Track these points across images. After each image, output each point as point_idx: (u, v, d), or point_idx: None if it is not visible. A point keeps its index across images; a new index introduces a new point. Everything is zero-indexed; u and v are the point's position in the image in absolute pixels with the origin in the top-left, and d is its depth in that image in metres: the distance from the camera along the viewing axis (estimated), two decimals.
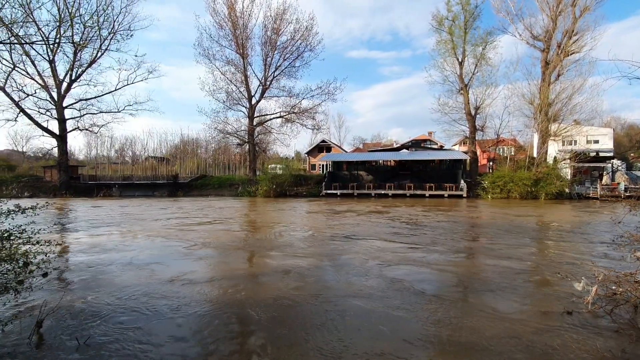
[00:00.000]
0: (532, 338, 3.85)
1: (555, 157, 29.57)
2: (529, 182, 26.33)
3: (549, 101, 28.28)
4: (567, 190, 26.68)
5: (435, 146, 48.14)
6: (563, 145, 33.18)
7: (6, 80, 31.12)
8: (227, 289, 5.60)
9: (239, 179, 37.08)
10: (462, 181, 29.69)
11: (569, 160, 28.64)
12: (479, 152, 37.27)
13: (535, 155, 30.40)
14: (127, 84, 36.57)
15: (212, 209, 20.31)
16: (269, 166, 42.85)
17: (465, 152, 35.33)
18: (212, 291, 5.51)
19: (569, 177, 28.12)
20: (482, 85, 32.71)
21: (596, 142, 35.82)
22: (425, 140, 50.73)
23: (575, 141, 33.20)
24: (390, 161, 37.71)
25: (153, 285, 5.79)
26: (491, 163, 38.10)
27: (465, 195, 28.40)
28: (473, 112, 32.91)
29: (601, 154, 31.91)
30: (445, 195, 28.94)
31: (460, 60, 32.83)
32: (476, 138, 34.03)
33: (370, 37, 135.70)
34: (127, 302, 4.99)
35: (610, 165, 30.71)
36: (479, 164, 36.92)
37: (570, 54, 28.10)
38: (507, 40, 79.95)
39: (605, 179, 29.56)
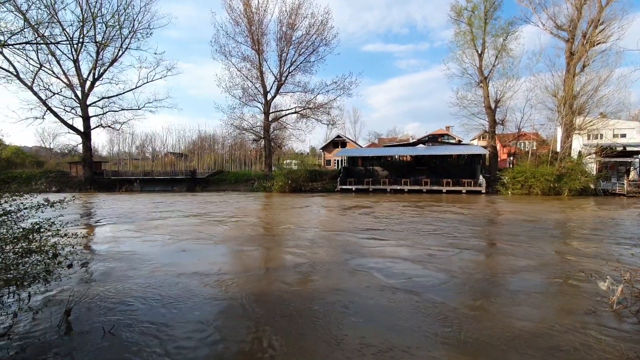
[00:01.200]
0: (554, 338, 3.76)
1: (579, 152, 28.46)
2: (551, 178, 25.48)
3: (574, 93, 27.16)
4: (592, 186, 25.67)
5: (453, 141, 47.21)
6: (588, 139, 31.85)
7: (33, 80, 32.40)
8: (238, 283, 5.72)
9: (254, 175, 37.50)
10: (480, 176, 29.04)
11: (594, 155, 27.50)
12: (498, 146, 36.29)
13: (558, 149, 29.36)
14: (147, 82, 37.49)
15: (228, 203, 20.66)
16: (284, 162, 43.12)
17: (485, 147, 34.47)
18: (223, 284, 5.63)
19: (594, 172, 27.03)
20: (503, 78, 31.79)
21: (623, 136, 34.22)
22: (442, 135, 49.84)
23: (601, 135, 31.82)
24: (406, 156, 37.24)
25: (170, 277, 5.97)
26: (511, 158, 37.05)
27: (484, 191, 27.78)
28: (493, 106, 32.04)
29: (628, 149, 30.42)
30: (463, 191, 28.38)
31: (479, 52, 31.94)
32: (496, 132, 33.14)
33: (387, 30, 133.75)
34: (148, 293, 5.17)
35: (637, 160, 29.28)
36: (499, 159, 35.98)
37: (596, 44, 26.83)
38: (529, 31, 77.34)
39: (633, 175, 28.23)
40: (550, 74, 29.27)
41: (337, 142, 50.96)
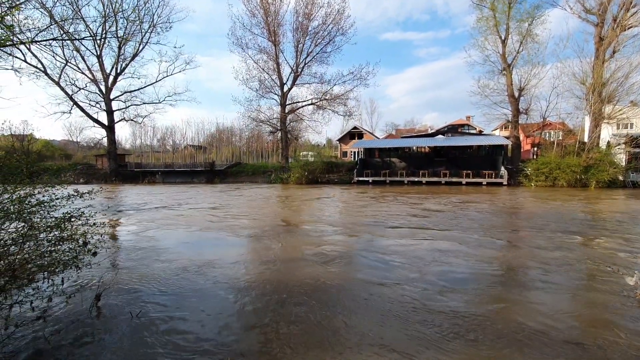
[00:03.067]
0: (579, 334, 3.68)
1: (608, 142, 27.18)
2: (578, 169, 24.53)
3: (603, 80, 25.84)
4: (620, 177, 24.60)
5: (473, 131, 46.02)
6: (618, 128, 30.35)
7: (60, 75, 33.64)
8: (255, 272, 5.85)
9: (271, 166, 37.87)
10: (502, 168, 28.27)
11: (623, 145, 26.20)
12: (522, 137, 35.07)
13: (586, 139, 28.14)
14: (167, 76, 38.36)
15: (246, 195, 21.00)
16: (301, 153, 43.32)
17: (507, 137, 33.42)
18: (240, 272, 5.78)
19: (623, 163, 25.80)
20: (528, 65, 30.50)
21: None
22: (462, 125, 48.64)
23: (632, 124, 30.28)
24: (424, 147, 36.61)
25: (193, 265, 6.16)
26: (535, 149, 35.79)
27: (505, 182, 27.06)
28: (516, 94, 30.91)
29: None
30: (484, 183, 27.74)
31: (503, 38, 30.75)
32: (519, 122, 32.01)
33: (407, 17, 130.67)
34: (172, 280, 5.37)
35: None
36: (522, 150, 34.80)
37: (628, 28, 25.34)
38: (556, 15, 73.34)
39: None
40: (578, 60, 27.98)
41: (354, 134, 50.60)
